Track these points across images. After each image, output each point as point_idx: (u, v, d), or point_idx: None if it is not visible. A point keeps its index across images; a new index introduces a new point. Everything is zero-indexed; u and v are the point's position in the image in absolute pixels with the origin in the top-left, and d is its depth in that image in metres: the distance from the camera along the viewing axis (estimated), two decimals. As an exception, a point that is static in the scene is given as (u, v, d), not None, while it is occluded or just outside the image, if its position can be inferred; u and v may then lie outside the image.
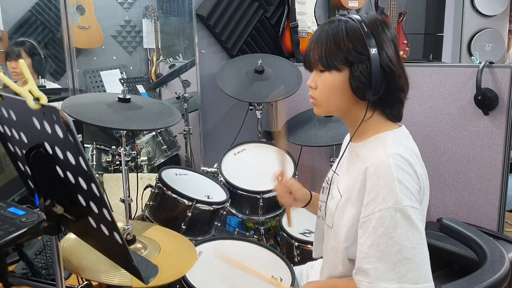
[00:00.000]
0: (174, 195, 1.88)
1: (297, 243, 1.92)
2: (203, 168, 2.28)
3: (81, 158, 0.77)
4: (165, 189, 1.89)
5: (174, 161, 2.81)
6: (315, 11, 3.13)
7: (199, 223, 1.94)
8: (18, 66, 2.41)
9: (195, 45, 2.84)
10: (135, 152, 1.88)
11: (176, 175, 2.10)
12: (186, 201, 1.87)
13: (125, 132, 1.82)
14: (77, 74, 2.45)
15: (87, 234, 0.98)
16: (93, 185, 0.79)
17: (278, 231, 2.50)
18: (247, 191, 2.11)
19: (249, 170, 2.25)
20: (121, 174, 1.82)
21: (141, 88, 3.04)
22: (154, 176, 2.06)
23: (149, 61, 3.15)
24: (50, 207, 0.89)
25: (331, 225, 1.19)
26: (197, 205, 1.88)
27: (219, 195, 2.06)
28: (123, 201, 1.87)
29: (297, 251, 1.92)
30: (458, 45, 3.97)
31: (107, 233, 0.85)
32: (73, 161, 0.79)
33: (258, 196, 2.09)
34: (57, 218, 0.91)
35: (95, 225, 0.87)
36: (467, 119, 2.24)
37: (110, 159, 2.31)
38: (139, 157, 2.52)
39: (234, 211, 2.16)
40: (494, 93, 2.12)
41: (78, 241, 1.33)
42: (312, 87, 1.16)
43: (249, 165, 2.29)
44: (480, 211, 2.26)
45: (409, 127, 1.20)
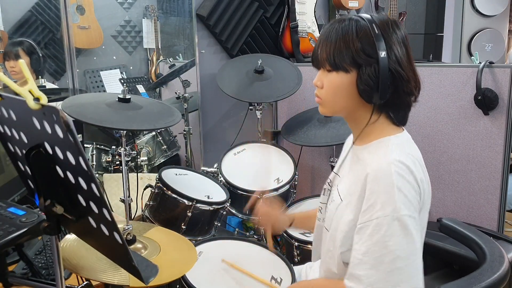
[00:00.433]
0: (174, 195, 1.88)
1: (297, 243, 1.92)
2: (203, 168, 2.28)
3: (81, 158, 0.77)
4: (165, 189, 1.89)
5: (174, 161, 2.81)
6: (315, 11, 3.13)
7: (199, 223, 1.94)
8: (16, 65, 2.41)
9: (195, 45, 2.84)
10: (135, 152, 1.88)
11: (176, 175, 2.10)
12: (186, 201, 1.87)
13: (125, 132, 1.82)
14: (77, 74, 2.45)
15: (87, 234, 0.98)
16: (93, 185, 0.79)
17: (278, 231, 2.49)
18: (247, 191, 2.11)
19: (249, 170, 2.25)
20: (121, 174, 1.82)
21: (141, 88, 3.04)
22: (154, 176, 2.06)
23: (149, 61, 3.15)
24: (50, 207, 0.89)
25: (329, 228, 1.18)
26: (197, 205, 1.88)
27: (219, 195, 2.06)
28: (123, 201, 1.87)
29: (297, 251, 1.92)
30: (458, 45, 3.97)
31: (107, 233, 0.85)
32: (73, 161, 0.79)
33: (258, 196, 2.09)
34: (57, 218, 0.91)
35: (95, 225, 0.87)
36: (467, 119, 2.24)
37: (110, 159, 2.31)
38: (139, 157, 2.52)
39: (234, 211, 2.16)
40: (494, 93, 2.12)
41: (78, 241, 1.33)
42: (318, 86, 1.14)
43: (249, 165, 2.28)
44: (480, 211, 2.26)
45: (409, 127, 1.20)
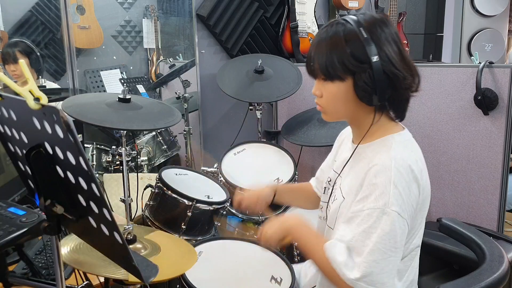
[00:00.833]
0: (174, 195, 1.88)
1: (297, 243, 1.92)
2: (203, 168, 2.28)
3: (81, 158, 0.77)
4: (165, 189, 1.89)
5: (174, 161, 2.81)
6: (315, 11, 3.13)
7: (199, 223, 1.94)
8: (17, 68, 2.40)
9: (195, 45, 2.84)
10: (135, 152, 1.89)
11: (176, 175, 2.10)
12: (186, 201, 1.87)
13: (125, 132, 1.82)
14: (77, 74, 2.45)
15: (87, 234, 0.98)
16: (93, 185, 0.79)
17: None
18: (247, 191, 2.11)
19: (249, 170, 2.25)
20: (121, 174, 1.82)
21: (141, 88, 3.04)
22: (154, 176, 2.06)
23: (149, 61, 3.16)
24: (50, 207, 0.89)
25: (333, 226, 1.18)
26: (197, 205, 1.88)
27: (219, 195, 2.06)
28: (123, 201, 1.87)
29: (297, 251, 1.92)
30: (458, 45, 3.97)
31: (107, 233, 0.85)
32: (73, 161, 0.79)
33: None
34: (57, 218, 0.91)
35: (95, 225, 0.87)
36: (467, 119, 2.24)
37: (110, 159, 2.31)
38: (139, 157, 2.52)
39: (234, 211, 2.16)
40: (494, 93, 2.12)
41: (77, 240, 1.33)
42: (317, 95, 1.15)
43: (249, 165, 2.28)
44: (480, 211, 2.26)
45: (409, 127, 1.20)
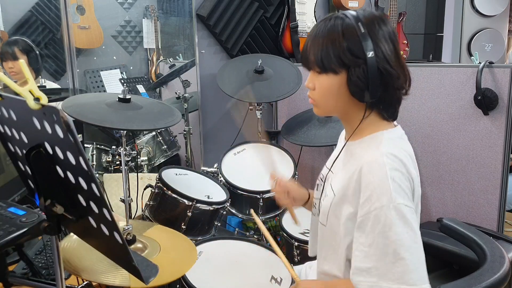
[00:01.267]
0: (174, 195, 1.88)
1: (297, 243, 1.92)
2: (203, 168, 2.28)
3: (81, 158, 0.77)
4: (165, 189, 1.89)
5: (174, 161, 2.81)
6: (315, 11, 3.14)
7: (199, 223, 1.94)
8: (15, 65, 2.40)
9: (195, 45, 2.84)
10: (135, 152, 1.88)
11: (176, 175, 2.10)
12: (186, 201, 1.87)
13: (125, 132, 1.82)
14: (77, 74, 2.45)
15: (87, 234, 0.98)
16: (93, 185, 0.79)
17: (278, 231, 2.49)
18: (247, 191, 2.11)
19: (249, 170, 2.25)
20: (121, 174, 1.82)
21: (141, 88, 3.04)
22: (154, 176, 2.06)
23: (149, 61, 3.16)
24: (50, 207, 0.89)
25: (325, 223, 1.19)
26: (197, 205, 1.88)
27: (219, 195, 2.06)
28: (123, 201, 1.87)
29: (297, 251, 1.92)
30: (458, 45, 3.97)
31: (107, 233, 0.85)
32: (73, 161, 0.79)
33: (258, 196, 2.09)
34: (57, 218, 0.91)
35: (95, 225, 0.87)
36: (467, 119, 2.24)
37: (110, 159, 2.31)
38: (139, 157, 2.52)
39: (234, 211, 2.16)
40: (494, 93, 2.12)
41: (78, 242, 1.33)
42: (310, 87, 1.15)
43: (249, 165, 2.28)
44: (480, 211, 2.26)
45: (409, 127, 1.20)
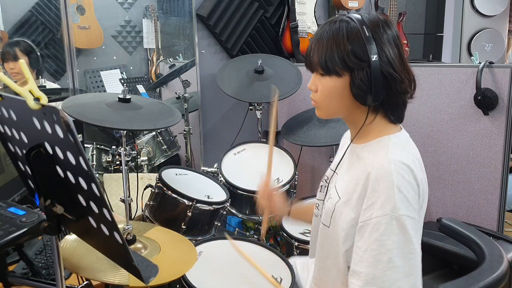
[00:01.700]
0: (174, 195, 1.88)
1: (297, 243, 1.92)
2: (203, 168, 2.28)
3: (81, 158, 0.77)
4: (165, 189, 1.89)
5: (174, 161, 2.81)
6: (315, 11, 3.13)
7: (199, 223, 1.94)
8: (16, 66, 2.40)
9: (195, 45, 2.84)
10: (135, 152, 1.88)
11: (176, 175, 2.10)
12: (186, 201, 1.87)
13: (125, 132, 1.82)
14: (77, 74, 2.45)
15: (87, 234, 0.98)
16: (93, 185, 0.79)
17: (278, 231, 2.50)
18: (247, 191, 2.11)
19: (249, 170, 2.25)
20: (121, 174, 1.82)
21: (141, 88, 3.04)
22: (154, 176, 2.06)
23: (149, 61, 3.15)
24: (50, 207, 0.89)
25: (328, 225, 1.19)
26: (197, 205, 1.88)
27: (219, 195, 2.06)
28: (123, 201, 1.87)
29: (297, 251, 1.92)
30: (458, 45, 3.97)
31: (107, 233, 0.85)
32: (73, 161, 0.79)
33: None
34: (57, 218, 0.91)
35: (95, 225, 0.87)
36: (467, 119, 2.24)
37: (110, 159, 2.31)
38: (139, 157, 2.52)
39: (234, 211, 2.16)
40: (494, 93, 2.12)
41: (77, 241, 1.33)
42: (312, 90, 1.15)
43: (249, 165, 2.28)
44: (480, 211, 2.26)
45: (409, 127, 1.20)
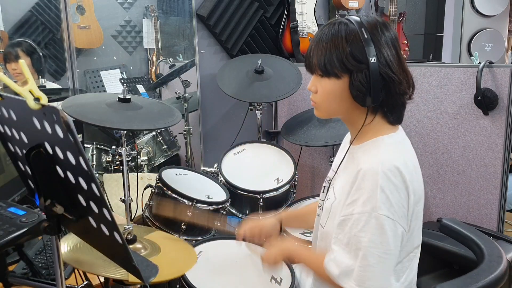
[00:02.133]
0: (174, 195, 1.88)
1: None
2: (203, 168, 2.28)
3: (81, 158, 0.77)
4: (165, 189, 1.89)
5: (174, 161, 2.81)
6: (315, 11, 3.13)
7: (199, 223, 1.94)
8: (18, 66, 2.41)
9: (195, 45, 2.84)
10: (135, 152, 1.88)
11: (176, 175, 2.10)
12: (186, 201, 1.87)
13: (125, 132, 1.82)
14: (77, 74, 2.45)
15: (87, 234, 0.98)
16: (93, 185, 0.79)
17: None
18: (247, 191, 2.11)
19: (249, 170, 2.25)
20: (121, 174, 1.82)
21: (141, 88, 3.04)
22: (154, 176, 2.06)
23: (149, 61, 3.16)
24: (50, 207, 0.89)
25: (323, 225, 1.20)
26: (197, 205, 1.88)
27: (219, 195, 2.06)
28: (123, 201, 1.87)
29: (297, 251, 1.92)
30: (458, 45, 3.97)
31: (107, 233, 0.85)
32: (73, 161, 0.79)
33: (258, 196, 2.09)
34: (57, 218, 0.91)
35: (95, 225, 0.87)
36: (467, 119, 2.24)
37: (110, 159, 2.31)
38: (139, 157, 2.51)
39: (234, 211, 2.16)
40: (494, 93, 2.12)
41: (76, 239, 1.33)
42: (312, 91, 1.17)
43: (249, 165, 2.28)
44: (480, 211, 2.26)
45: (409, 127, 1.20)
